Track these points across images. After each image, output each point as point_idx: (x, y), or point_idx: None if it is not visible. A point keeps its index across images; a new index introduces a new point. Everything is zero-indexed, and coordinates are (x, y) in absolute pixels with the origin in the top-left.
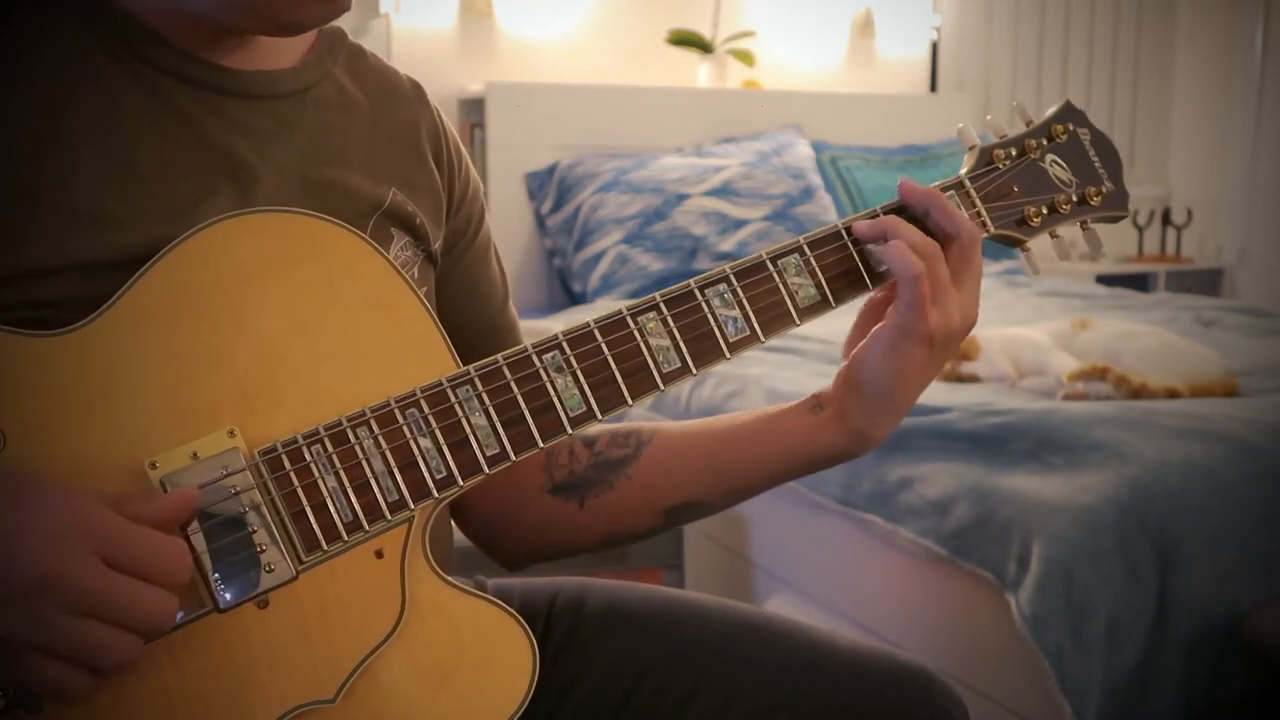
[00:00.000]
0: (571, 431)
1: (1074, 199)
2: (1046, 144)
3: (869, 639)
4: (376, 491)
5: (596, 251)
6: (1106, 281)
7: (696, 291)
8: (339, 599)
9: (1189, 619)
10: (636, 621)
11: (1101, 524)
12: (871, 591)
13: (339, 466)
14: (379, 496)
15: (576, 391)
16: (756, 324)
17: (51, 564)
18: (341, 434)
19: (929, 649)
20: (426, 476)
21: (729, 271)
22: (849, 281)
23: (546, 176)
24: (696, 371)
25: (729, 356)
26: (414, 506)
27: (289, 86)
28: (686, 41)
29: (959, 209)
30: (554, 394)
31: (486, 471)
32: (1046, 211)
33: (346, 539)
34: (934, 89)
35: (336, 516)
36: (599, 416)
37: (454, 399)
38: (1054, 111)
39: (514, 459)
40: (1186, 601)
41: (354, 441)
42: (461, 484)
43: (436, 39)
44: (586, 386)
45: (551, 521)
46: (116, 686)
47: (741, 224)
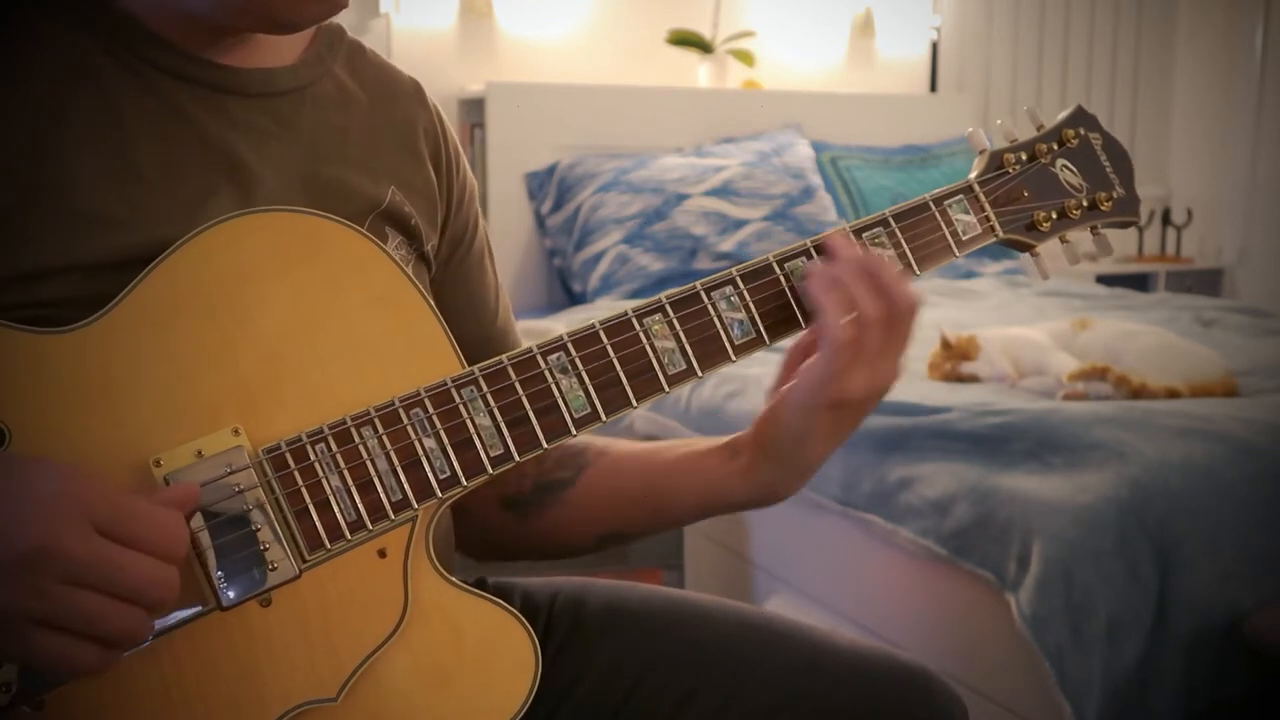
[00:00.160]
0: (576, 433)
1: (1084, 204)
2: (1057, 148)
3: (869, 639)
4: (380, 491)
5: (596, 251)
6: (1106, 281)
7: (703, 294)
8: (341, 598)
9: (1189, 619)
10: (636, 621)
11: (1101, 524)
12: (871, 591)
13: (343, 465)
14: (383, 496)
15: (581, 393)
16: (762, 327)
17: (43, 534)
18: (346, 433)
19: (929, 649)
20: (430, 476)
21: (735, 274)
22: None
23: (546, 176)
24: (702, 374)
25: (735, 359)
26: (417, 506)
27: (288, 84)
28: (686, 41)
29: (902, 278)
30: (559, 395)
31: (490, 472)
32: (1056, 216)
33: (350, 538)
34: (934, 89)
35: (340, 515)
36: (603, 418)
37: (458, 399)
38: (1065, 116)
39: (518, 459)
40: (1186, 601)
41: (358, 441)
42: (465, 484)
43: (436, 39)
44: (591, 388)
45: (501, 530)
46: (119, 683)
47: (742, 224)
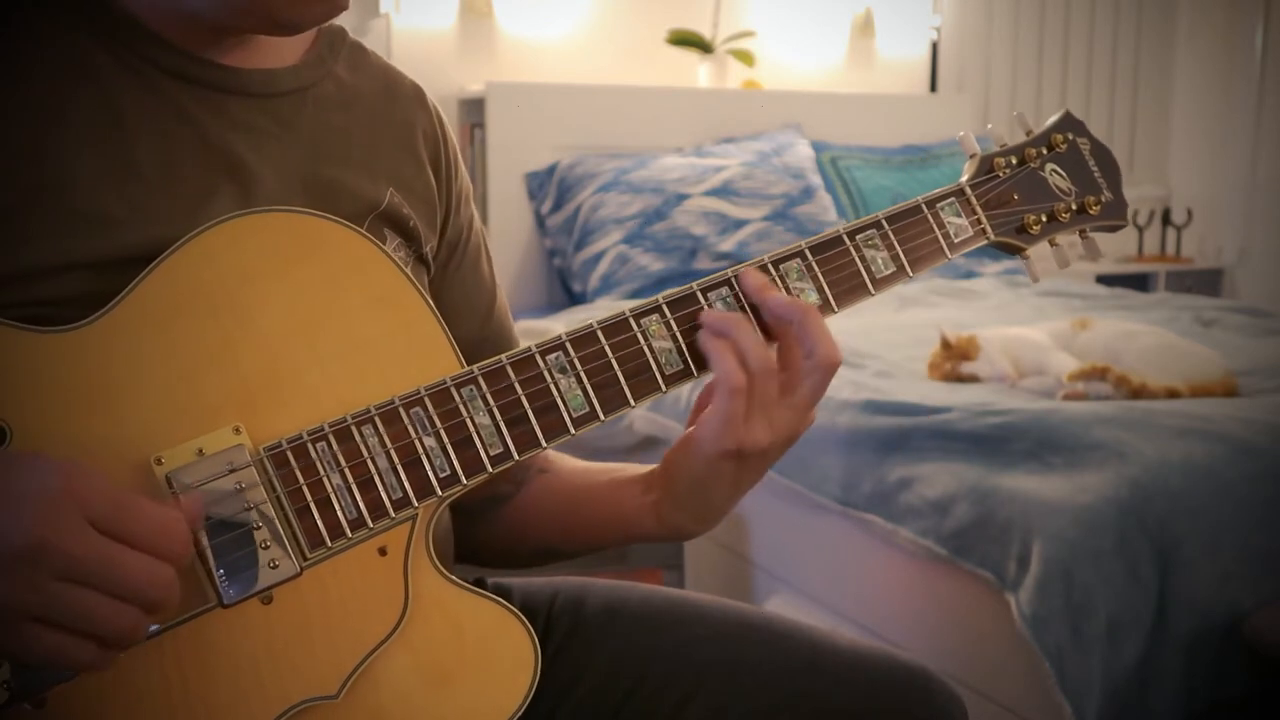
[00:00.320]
0: (575, 432)
1: (1073, 208)
2: (1046, 153)
3: (869, 639)
4: (381, 489)
5: (596, 251)
6: (1106, 281)
7: (699, 294)
8: (342, 596)
9: (1189, 619)
10: (636, 621)
11: (1101, 524)
12: (871, 591)
13: (344, 464)
14: (383, 494)
15: (580, 392)
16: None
17: (40, 530)
18: (346, 431)
19: (929, 649)
20: (430, 475)
21: (731, 275)
22: (850, 287)
23: (546, 176)
24: (698, 375)
25: None
26: (418, 504)
27: (289, 85)
28: (686, 41)
29: (823, 328)
30: (557, 395)
31: (490, 470)
32: (1046, 219)
33: (350, 536)
34: (934, 89)
35: (341, 513)
36: (602, 418)
37: (458, 398)
38: (1054, 121)
39: (517, 458)
40: (1186, 601)
41: (359, 439)
42: (465, 482)
43: (436, 39)
44: (590, 387)
45: (457, 535)
46: (119, 679)
47: (742, 224)
